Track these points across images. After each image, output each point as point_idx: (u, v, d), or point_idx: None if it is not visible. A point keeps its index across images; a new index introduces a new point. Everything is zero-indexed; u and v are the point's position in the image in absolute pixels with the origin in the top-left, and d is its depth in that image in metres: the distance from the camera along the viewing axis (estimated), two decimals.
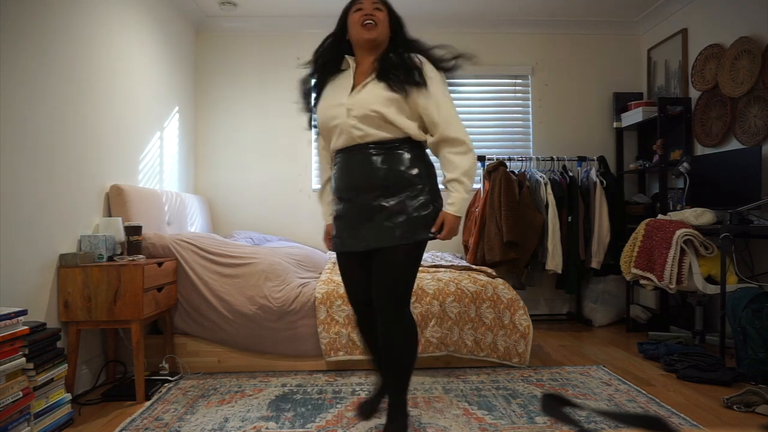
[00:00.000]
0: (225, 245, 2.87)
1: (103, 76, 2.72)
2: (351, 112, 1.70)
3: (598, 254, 3.78)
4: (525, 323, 2.72)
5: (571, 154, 4.15)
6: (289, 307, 2.65)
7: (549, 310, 4.22)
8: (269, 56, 4.25)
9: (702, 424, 1.97)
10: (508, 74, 4.35)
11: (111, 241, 2.46)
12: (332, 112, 1.75)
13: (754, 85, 3.09)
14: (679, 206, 3.50)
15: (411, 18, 4.16)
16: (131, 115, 3.03)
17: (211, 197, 4.20)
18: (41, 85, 2.21)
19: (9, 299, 1.99)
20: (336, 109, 1.73)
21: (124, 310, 2.25)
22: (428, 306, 2.68)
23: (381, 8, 1.77)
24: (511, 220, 3.58)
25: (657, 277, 2.98)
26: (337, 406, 2.19)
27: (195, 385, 2.50)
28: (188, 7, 3.87)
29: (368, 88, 1.70)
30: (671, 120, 3.69)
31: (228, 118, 4.24)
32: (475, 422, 2.01)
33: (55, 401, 1.95)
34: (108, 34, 2.78)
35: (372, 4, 1.75)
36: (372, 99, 1.67)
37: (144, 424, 2.02)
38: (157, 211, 2.99)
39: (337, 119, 1.73)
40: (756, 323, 2.39)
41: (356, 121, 1.69)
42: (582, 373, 2.63)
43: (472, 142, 1.75)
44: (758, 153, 2.90)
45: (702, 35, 3.60)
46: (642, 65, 4.33)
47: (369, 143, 1.70)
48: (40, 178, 2.19)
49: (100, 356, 2.61)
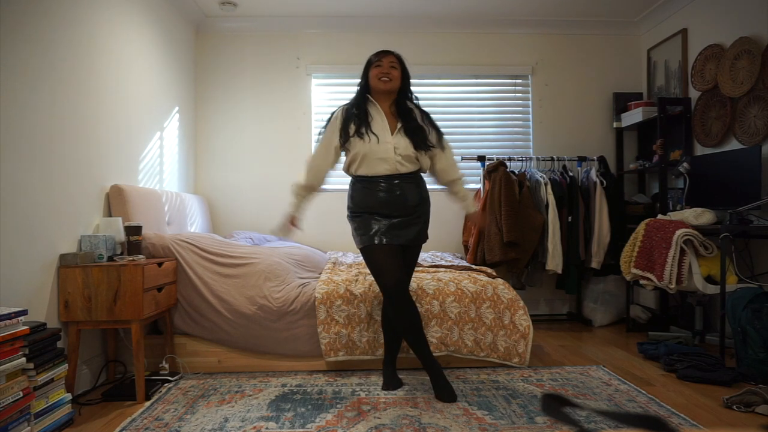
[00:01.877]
0: (225, 245, 2.87)
1: (103, 76, 2.72)
2: (397, 150, 2.29)
3: (598, 254, 3.78)
4: (525, 323, 2.72)
5: (571, 154, 4.15)
6: (289, 308, 2.65)
7: (549, 310, 4.22)
8: (269, 56, 4.25)
9: (702, 424, 1.97)
10: (508, 74, 4.35)
11: (111, 241, 2.46)
12: (380, 147, 2.29)
13: (754, 85, 3.09)
14: (679, 206, 3.50)
15: (411, 18, 4.22)
16: (131, 115, 3.03)
17: (211, 197, 4.20)
18: (41, 86, 2.21)
19: (9, 299, 1.99)
20: (383, 145, 2.29)
21: (124, 310, 2.25)
22: (428, 306, 2.68)
23: (396, 66, 2.33)
24: (511, 220, 3.58)
25: (657, 277, 2.98)
26: (337, 406, 2.19)
27: (195, 385, 2.50)
28: (188, 7, 3.87)
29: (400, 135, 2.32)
30: (671, 120, 3.69)
31: (228, 118, 4.24)
32: (475, 422, 2.01)
33: (55, 401, 1.95)
34: (108, 34, 2.78)
35: (389, 64, 2.32)
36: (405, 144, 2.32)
37: (144, 424, 2.02)
38: (157, 211, 2.99)
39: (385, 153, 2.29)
40: (756, 323, 2.39)
41: (401, 158, 2.30)
42: (582, 373, 2.63)
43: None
44: (758, 153, 2.90)
45: (702, 35, 3.60)
46: (642, 65, 4.33)
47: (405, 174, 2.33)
48: (41, 178, 2.19)
49: (100, 356, 2.61)
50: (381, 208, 2.29)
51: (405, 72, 2.38)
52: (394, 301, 2.26)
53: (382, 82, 2.30)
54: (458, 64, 4.31)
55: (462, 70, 4.33)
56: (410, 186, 2.33)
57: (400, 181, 2.31)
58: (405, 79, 2.38)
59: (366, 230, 2.29)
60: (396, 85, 2.33)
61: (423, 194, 2.38)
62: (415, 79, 4.25)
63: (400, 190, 2.30)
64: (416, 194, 2.34)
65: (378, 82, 2.31)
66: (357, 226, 2.33)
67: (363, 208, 2.31)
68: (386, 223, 2.28)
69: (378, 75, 2.31)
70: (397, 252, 2.29)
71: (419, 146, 2.29)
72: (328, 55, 4.25)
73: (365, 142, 2.27)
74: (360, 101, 2.37)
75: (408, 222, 2.31)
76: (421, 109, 2.43)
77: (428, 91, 4.35)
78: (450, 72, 4.33)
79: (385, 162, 2.27)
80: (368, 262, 2.30)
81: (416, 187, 2.35)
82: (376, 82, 2.32)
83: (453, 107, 4.35)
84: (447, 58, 4.31)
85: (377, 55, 2.35)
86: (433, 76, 4.33)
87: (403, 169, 2.30)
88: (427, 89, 4.35)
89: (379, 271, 2.26)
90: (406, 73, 2.39)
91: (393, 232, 2.27)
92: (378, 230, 2.27)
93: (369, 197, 2.31)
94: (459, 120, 4.33)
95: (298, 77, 4.26)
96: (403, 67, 2.37)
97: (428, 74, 4.32)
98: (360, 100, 2.38)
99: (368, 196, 2.31)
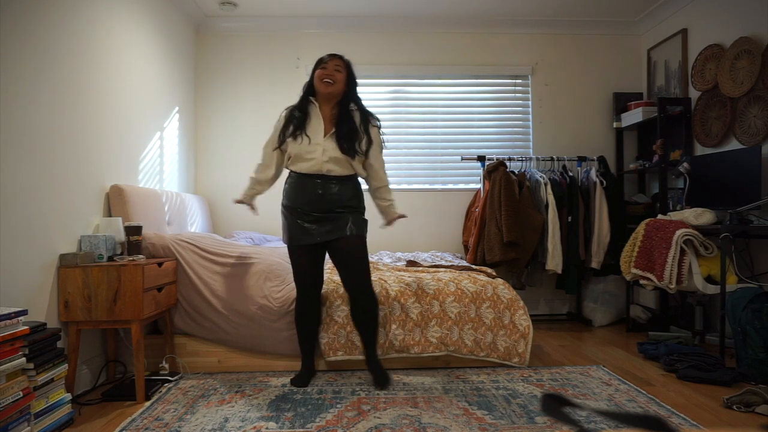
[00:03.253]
0: (225, 245, 2.87)
1: (103, 76, 2.72)
2: (325, 152, 2.35)
3: (598, 254, 3.78)
4: (525, 323, 2.72)
5: (571, 154, 4.15)
6: (289, 308, 2.64)
7: (549, 310, 4.22)
8: (269, 56, 4.25)
9: (702, 424, 1.97)
10: (508, 74, 4.35)
11: (111, 241, 2.46)
12: (309, 148, 2.37)
13: (754, 85, 3.09)
14: (679, 206, 3.50)
15: (411, 18, 4.22)
16: (131, 115, 3.03)
17: (211, 197, 4.20)
18: (41, 86, 2.21)
19: (9, 299, 1.99)
20: (313, 146, 2.36)
21: (124, 310, 2.25)
22: (428, 306, 2.68)
23: (340, 70, 2.39)
24: (511, 220, 3.58)
25: (657, 277, 2.98)
26: (337, 406, 2.19)
27: (195, 385, 2.50)
28: (188, 7, 3.87)
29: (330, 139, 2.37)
30: (671, 120, 3.69)
31: (228, 117, 4.24)
32: (475, 422, 2.01)
33: (55, 401, 1.95)
34: (108, 34, 2.78)
35: (334, 66, 2.38)
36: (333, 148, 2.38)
37: (144, 424, 2.02)
38: (157, 211, 2.99)
39: (312, 154, 2.36)
40: (756, 323, 2.39)
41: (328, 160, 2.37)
42: (582, 373, 2.63)
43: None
44: (758, 153, 2.90)
45: (702, 35, 3.60)
46: (642, 65, 4.33)
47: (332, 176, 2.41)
48: (40, 178, 2.19)
49: (100, 356, 2.61)
50: (305, 206, 2.38)
51: (351, 77, 2.43)
52: (307, 299, 2.49)
53: (324, 83, 2.36)
54: (458, 64, 4.31)
55: (462, 70, 4.32)
56: (342, 187, 2.39)
57: (329, 182, 2.38)
58: (350, 84, 2.43)
59: (289, 229, 2.43)
60: (338, 89, 2.38)
61: (353, 195, 2.44)
62: (415, 79, 4.36)
63: (324, 189, 2.37)
64: (344, 196, 2.40)
65: (320, 83, 2.37)
66: (283, 224, 2.47)
67: (292, 203, 2.42)
68: (304, 223, 2.39)
69: (321, 76, 2.36)
70: (312, 251, 2.42)
71: (346, 151, 2.34)
72: None
73: (297, 143, 2.37)
74: (303, 103, 2.45)
75: (327, 219, 2.38)
76: (367, 116, 2.46)
77: (428, 91, 4.35)
78: (450, 72, 4.33)
79: (312, 162, 2.35)
80: (291, 260, 2.49)
81: (349, 189, 2.41)
82: (318, 82, 2.38)
83: (453, 107, 4.35)
84: (447, 58, 4.31)
85: (326, 57, 2.42)
86: (433, 76, 4.33)
87: (333, 171, 2.36)
88: (427, 89, 4.35)
89: (294, 271, 2.48)
90: (351, 78, 2.44)
91: (311, 230, 2.38)
92: (298, 230, 2.40)
93: (297, 194, 2.40)
94: (459, 120, 4.33)
95: (298, 77, 4.24)
96: (349, 72, 2.43)
97: (428, 74, 4.32)
98: (303, 102, 2.45)
99: (297, 192, 2.41)
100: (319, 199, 2.37)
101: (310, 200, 2.37)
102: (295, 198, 2.41)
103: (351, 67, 2.45)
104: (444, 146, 4.32)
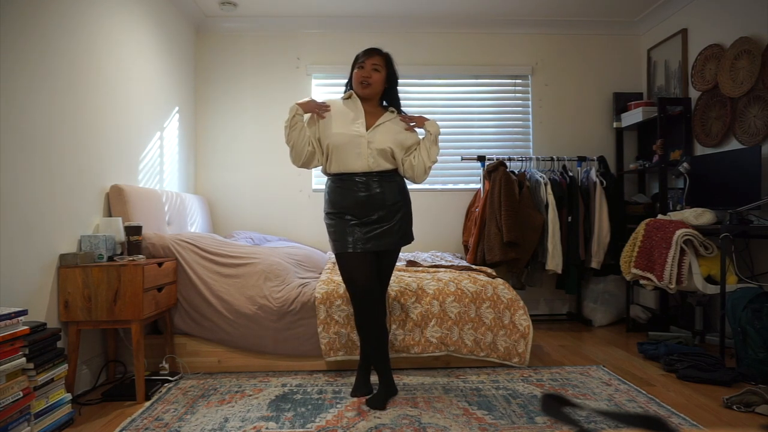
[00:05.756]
0: (225, 245, 2.87)
1: (103, 76, 2.72)
2: (371, 144, 2.19)
3: (598, 254, 3.78)
4: (525, 323, 2.72)
5: (571, 154, 4.14)
6: (289, 307, 2.65)
7: (549, 310, 4.22)
8: (269, 56, 4.25)
9: (702, 424, 1.97)
10: (508, 74, 4.35)
11: (111, 241, 2.46)
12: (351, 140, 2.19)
13: (754, 85, 3.09)
14: (679, 206, 3.50)
15: (411, 18, 4.21)
16: (131, 115, 3.03)
17: (211, 197, 4.20)
18: (41, 86, 2.21)
19: (9, 299, 1.99)
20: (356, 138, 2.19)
21: (124, 310, 2.25)
22: (428, 306, 2.68)
23: (379, 69, 2.22)
24: (511, 220, 3.58)
25: (657, 277, 2.98)
26: (337, 406, 2.19)
27: (195, 385, 2.50)
28: (188, 7, 3.87)
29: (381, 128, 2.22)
30: (671, 120, 3.69)
31: (228, 118, 4.24)
32: (475, 422, 2.01)
33: (56, 401, 1.95)
34: (108, 34, 2.78)
35: (372, 65, 2.21)
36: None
37: (144, 424, 2.02)
38: (157, 211, 2.99)
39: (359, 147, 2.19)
40: (756, 323, 2.39)
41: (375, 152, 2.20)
42: (582, 373, 2.63)
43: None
44: (758, 153, 2.90)
45: (702, 35, 3.60)
46: (642, 65, 4.33)
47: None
48: (40, 178, 2.19)
49: (100, 356, 2.61)
50: (356, 208, 2.18)
51: (391, 74, 2.27)
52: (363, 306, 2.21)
53: (361, 86, 2.22)
54: (458, 64, 4.31)
55: (462, 70, 4.32)
56: (389, 185, 2.22)
57: (379, 179, 2.20)
58: (391, 82, 2.27)
59: (340, 236, 2.19)
60: (375, 90, 2.24)
61: (403, 193, 2.28)
62: (415, 79, 4.36)
63: (380, 188, 2.19)
64: (395, 193, 2.23)
65: (357, 85, 2.23)
66: (331, 230, 2.23)
67: (339, 209, 2.21)
68: (361, 228, 2.17)
69: (358, 78, 2.22)
70: (370, 259, 2.19)
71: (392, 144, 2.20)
72: (328, 55, 4.25)
73: (338, 133, 2.19)
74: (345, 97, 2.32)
75: (384, 225, 2.20)
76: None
77: (428, 91, 4.35)
78: (450, 72, 4.32)
79: (359, 157, 2.18)
80: (340, 268, 2.23)
81: (396, 186, 2.25)
82: (356, 85, 2.24)
83: (453, 107, 4.35)
84: (447, 58, 4.31)
85: (364, 54, 2.23)
86: (433, 76, 4.33)
87: (377, 167, 2.19)
88: (427, 89, 4.35)
89: (349, 278, 2.19)
90: (392, 76, 2.27)
91: (368, 237, 2.17)
92: (353, 236, 2.17)
93: (345, 197, 2.20)
94: (459, 120, 4.33)
95: (298, 77, 4.26)
96: (390, 69, 2.26)
97: (428, 74, 4.32)
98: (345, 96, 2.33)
99: (344, 195, 2.20)
100: (374, 200, 2.18)
101: (365, 202, 2.17)
102: (345, 203, 2.20)
103: (392, 63, 2.27)
104: (444, 146, 4.30)
